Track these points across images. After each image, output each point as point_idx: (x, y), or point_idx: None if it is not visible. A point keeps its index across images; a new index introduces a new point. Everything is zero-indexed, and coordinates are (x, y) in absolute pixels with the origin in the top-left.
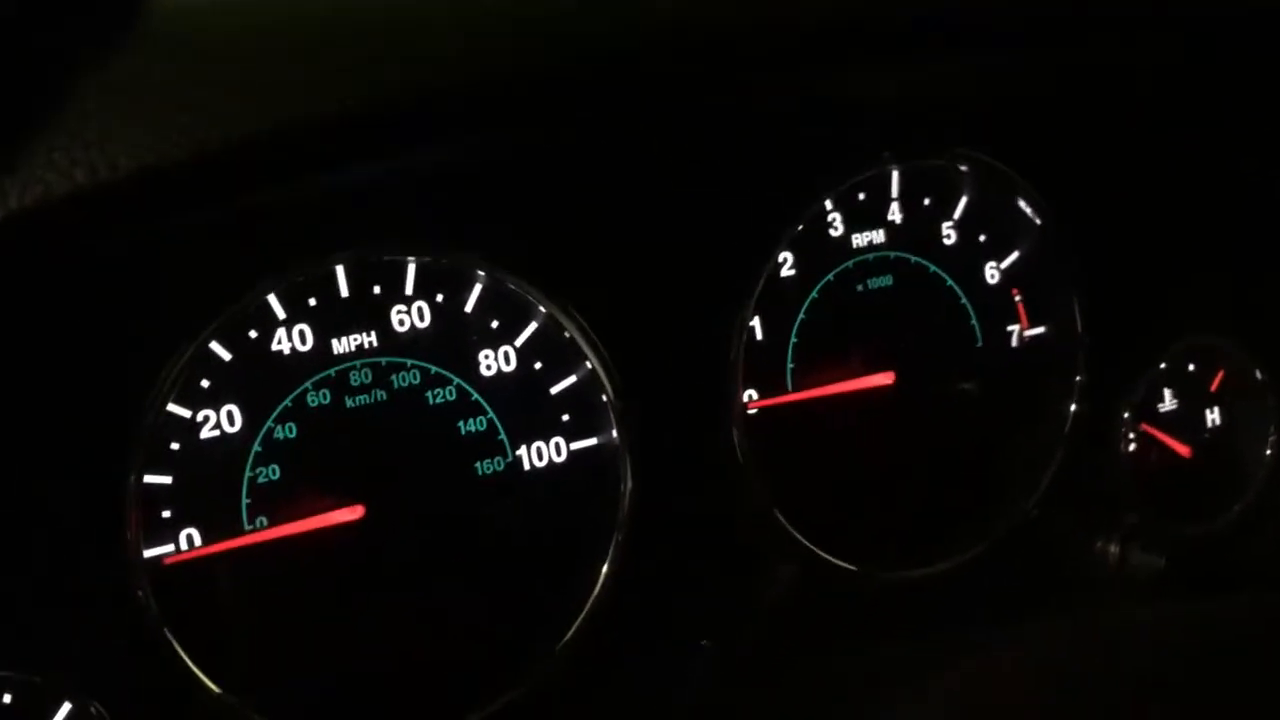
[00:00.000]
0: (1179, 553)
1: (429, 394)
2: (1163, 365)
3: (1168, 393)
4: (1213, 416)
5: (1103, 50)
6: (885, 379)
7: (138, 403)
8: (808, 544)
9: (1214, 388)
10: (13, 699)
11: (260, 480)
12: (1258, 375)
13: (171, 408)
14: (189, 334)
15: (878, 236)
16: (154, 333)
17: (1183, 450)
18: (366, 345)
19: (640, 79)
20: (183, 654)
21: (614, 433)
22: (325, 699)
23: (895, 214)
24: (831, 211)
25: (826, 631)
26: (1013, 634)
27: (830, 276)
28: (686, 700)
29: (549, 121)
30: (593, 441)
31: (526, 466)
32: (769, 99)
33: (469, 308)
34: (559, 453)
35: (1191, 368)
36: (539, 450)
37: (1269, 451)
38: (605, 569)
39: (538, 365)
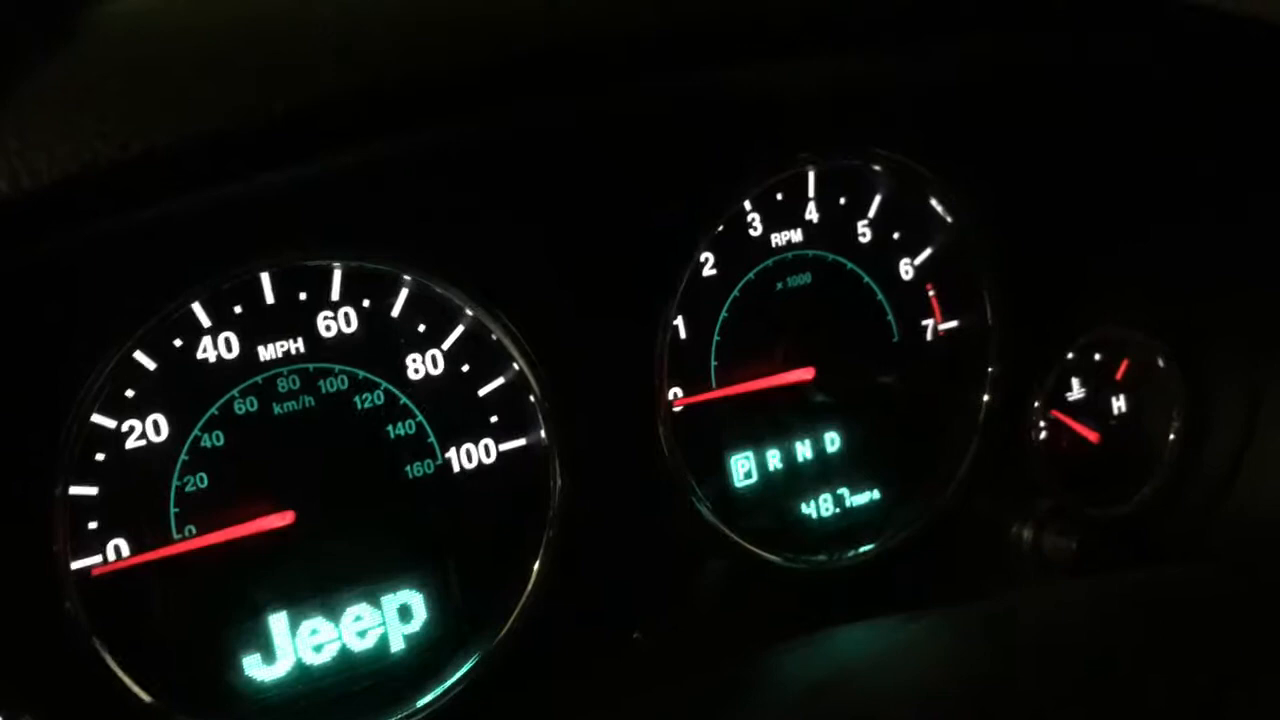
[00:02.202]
0: (1090, 535)
1: (357, 399)
2: (1070, 355)
3: (1075, 381)
4: (1119, 404)
5: (1009, 49)
6: (806, 374)
7: (61, 414)
8: (735, 537)
9: (1119, 376)
10: None
11: (188, 489)
12: (1160, 363)
13: (96, 418)
14: (112, 343)
15: (796, 235)
16: (76, 342)
17: (1092, 436)
18: (294, 351)
19: (553, 80)
20: (113, 664)
21: (542, 433)
22: (258, 704)
23: (812, 213)
24: (750, 212)
25: (755, 622)
26: (933, 619)
27: (751, 275)
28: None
29: (462, 124)
30: (522, 442)
31: (456, 468)
32: (684, 100)
33: (396, 312)
34: (488, 454)
35: (1098, 357)
36: (468, 452)
37: (1173, 436)
38: (537, 567)
39: (465, 368)
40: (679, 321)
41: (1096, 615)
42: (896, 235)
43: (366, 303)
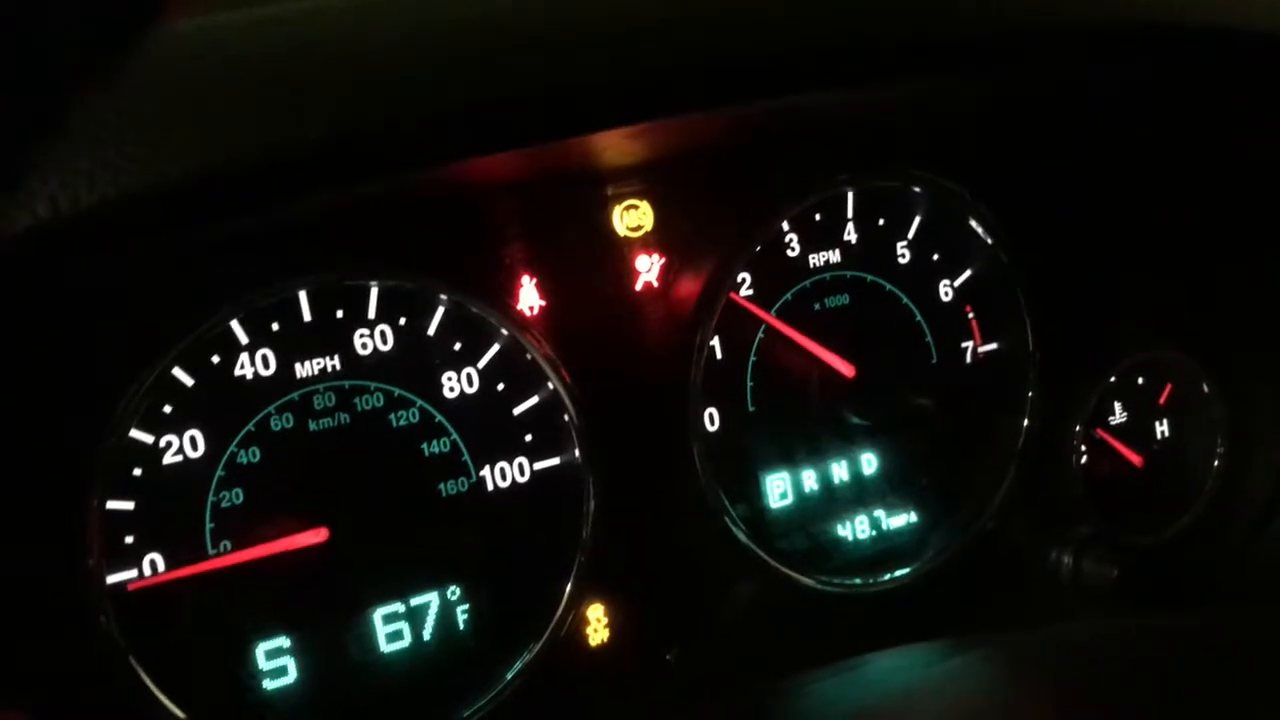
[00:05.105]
0: (1131, 563)
1: (392, 416)
2: (1113, 379)
3: (1117, 406)
4: (1161, 428)
5: (1052, 77)
6: (847, 370)
7: (99, 429)
8: (768, 559)
9: (1162, 401)
10: None
11: (224, 505)
12: (1205, 388)
13: (134, 434)
14: (151, 360)
15: (834, 256)
16: (116, 359)
17: (1135, 459)
18: (330, 369)
19: (601, 107)
20: (147, 680)
21: (576, 452)
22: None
23: (851, 234)
24: (789, 232)
25: (789, 644)
26: (973, 651)
27: (788, 296)
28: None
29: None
30: (555, 461)
31: (490, 487)
32: (728, 124)
33: (431, 330)
34: (522, 473)
35: (1140, 381)
36: (502, 470)
37: (1216, 463)
38: (569, 588)
39: (500, 386)
40: (715, 342)
41: (1142, 654)
42: (935, 256)
43: (403, 321)
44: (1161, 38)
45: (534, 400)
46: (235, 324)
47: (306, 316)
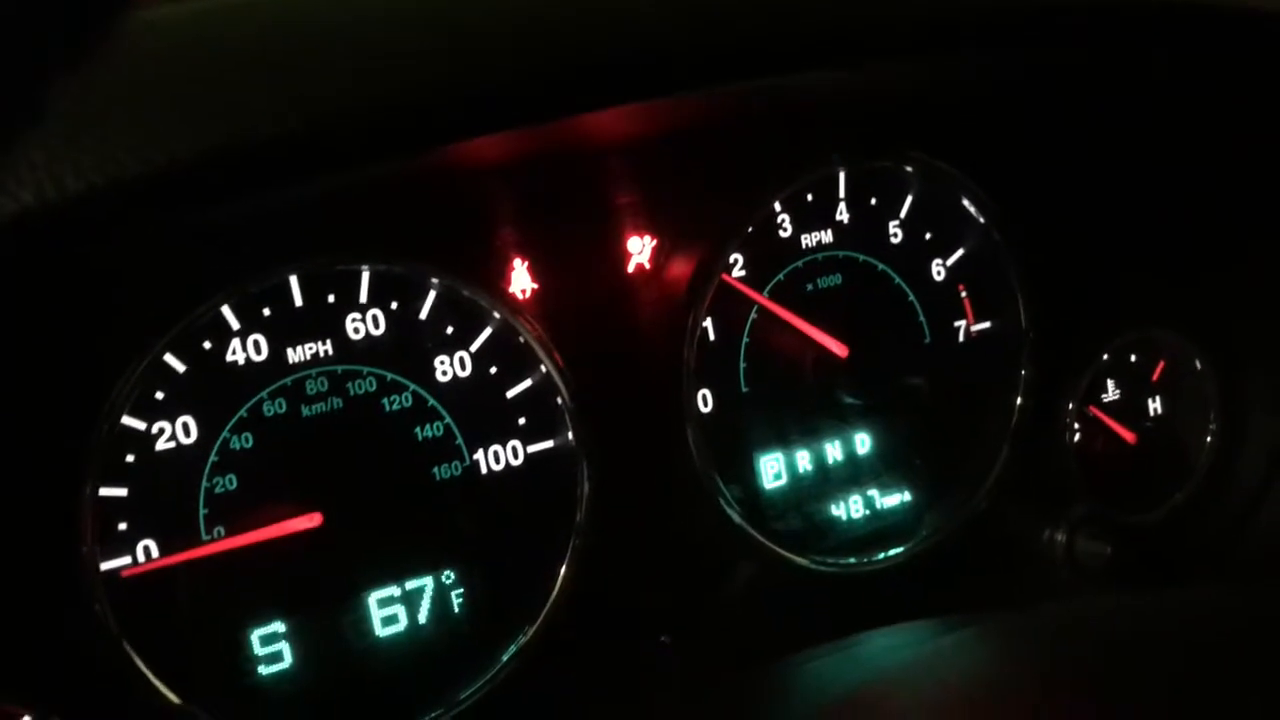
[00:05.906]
0: (1124, 541)
1: (385, 401)
2: (1105, 357)
3: (1110, 383)
4: (1154, 405)
5: (1043, 55)
6: (840, 350)
7: (92, 416)
8: (763, 540)
9: (1155, 378)
10: None
11: (217, 490)
12: (1197, 365)
13: (126, 420)
14: (142, 346)
15: (826, 236)
16: (107, 346)
17: (1128, 436)
18: (322, 354)
19: (591, 88)
20: (142, 666)
21: (570, 435)
22: (287, 706)
23: (843, 214)
24: (781, 213)
25: (785, 624)
26: (969, 629)
27: (780, 276)
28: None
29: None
30: (549, 444)
31: (484, 470)
32: (719, 104)
33: (423, 315)
34: (516, 456)
35: (1133, 358)
36: (496, 454)
37: (1209, 439)
38: (564, 571)
39: (493, 370)
40: (708, 323)
41: (1136, 632)
42: (928, 236)
43: (394, 305)
44: (1170, 22)
45: (527, 383)
46: (227, 309)
47: (298, 301)
